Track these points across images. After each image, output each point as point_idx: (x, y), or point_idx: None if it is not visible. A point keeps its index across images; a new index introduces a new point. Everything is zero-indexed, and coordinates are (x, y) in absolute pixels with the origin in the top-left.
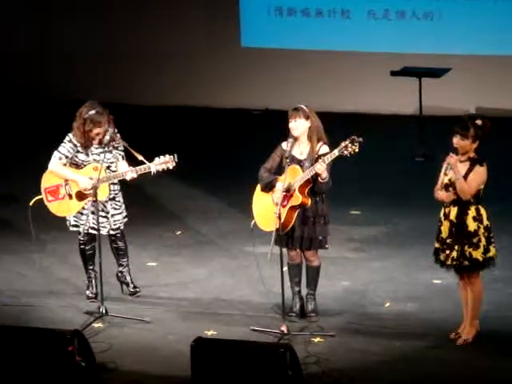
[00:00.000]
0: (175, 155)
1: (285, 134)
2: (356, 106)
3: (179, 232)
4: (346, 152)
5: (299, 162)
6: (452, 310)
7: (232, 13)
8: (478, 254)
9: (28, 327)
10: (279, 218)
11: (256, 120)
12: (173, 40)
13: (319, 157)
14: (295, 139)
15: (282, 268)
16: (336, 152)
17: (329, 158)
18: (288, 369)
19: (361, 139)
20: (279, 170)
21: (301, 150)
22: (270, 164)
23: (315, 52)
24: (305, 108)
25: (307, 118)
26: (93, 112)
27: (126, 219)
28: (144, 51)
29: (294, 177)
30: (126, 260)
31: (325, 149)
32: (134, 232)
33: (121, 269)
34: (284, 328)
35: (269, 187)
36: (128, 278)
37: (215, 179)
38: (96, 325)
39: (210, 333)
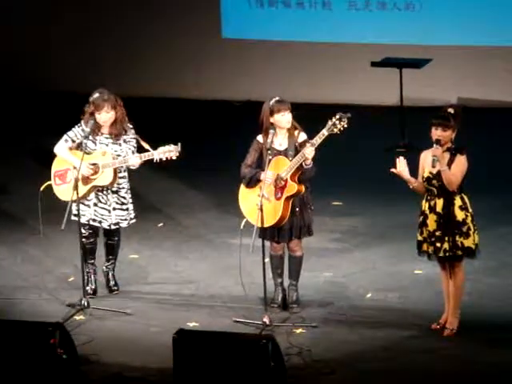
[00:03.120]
0: (179, 145)
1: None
2: (337, 97)
3: (161, 224)
4: (335, 130)
5: (281, 153)
6: (433, 300)
7: (212, 3)
8: (469, 243)
9: (9, 320)
10: (261, 209)
11: (238, 111)
12: (153, 31)
13: (302, 143)
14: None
15: (263, 259)
16: (325, 132)
17: (318, 140)
18: (270, 360)
19: (349, 114)
20: (259, 165)
21: (279, 141)
22: (250, 160)
23: (296, 43)
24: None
25: (291, 109)
26: (97, 95)
27: (132, 220)
28: (124, 42)
29: (280, 167)
30: (112, 257)
31: (303, 136)
32: None
33: (106, 264)
34: (266, 319)
35: (253, 182)
36: (110, 275)
37: (196, 171)
38: (78, 317)
39: (192, 324)
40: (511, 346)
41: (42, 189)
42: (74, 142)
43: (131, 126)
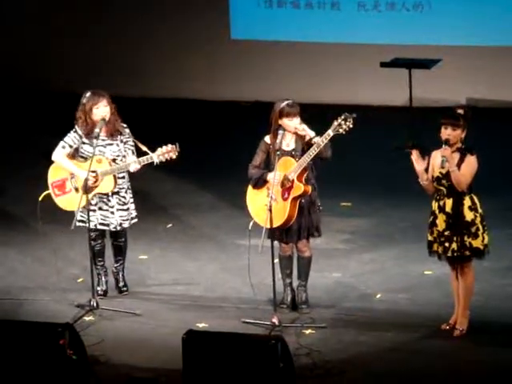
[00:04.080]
0: (177, 144)
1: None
2: (346, 98)
3: (170, 225)
4: (340, 130)
5: (289, 154)
6: (443, 301)
7: (221, 4)
8: (478, 243)
9: (19, 321)
10: (270, 210)
11: (245, 112)
12: (161, 32)
13: (309, 142)
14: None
15: (273, 260)
16: (330, 132)
17: (324, 140)
18: (279, 360)
19: (354, 115)
20: (267, 165)
21: (287, 142)
22: (258, 160)
23: (305, 44)
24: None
25: (300, 114)
26: (89, 93)
27: (134, 220)
28: (132, 43)
29: (286, 168)
30: (121, 258)
31: (311, 133)
32: None
33: (115, 265)
34: (275, 320)
35: (261, 182)
36: (119, 276)
37: (205, 172)
38: (87, 318)
39: (201, 325)
40: None
41: (40, 199)
42: (71, 147)
43: (125, 126)
